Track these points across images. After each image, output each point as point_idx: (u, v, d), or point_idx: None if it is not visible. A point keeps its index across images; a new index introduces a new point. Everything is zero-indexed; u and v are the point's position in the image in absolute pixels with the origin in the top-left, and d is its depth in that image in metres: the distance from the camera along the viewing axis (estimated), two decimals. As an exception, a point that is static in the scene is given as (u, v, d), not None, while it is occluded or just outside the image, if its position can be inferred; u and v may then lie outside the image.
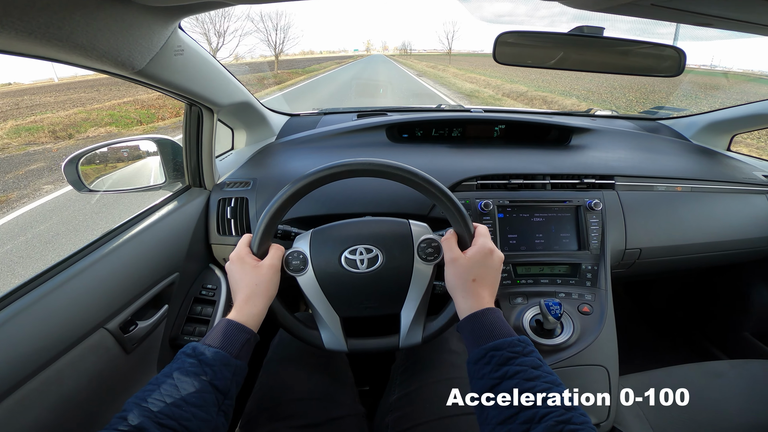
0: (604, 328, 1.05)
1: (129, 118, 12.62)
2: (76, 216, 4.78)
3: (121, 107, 14.16)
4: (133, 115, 12.79)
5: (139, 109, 13.66)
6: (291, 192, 0.75)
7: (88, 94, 19.75)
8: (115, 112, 13.23)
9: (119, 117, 12.69)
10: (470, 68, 33.82)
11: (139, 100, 15.36)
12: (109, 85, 22.13)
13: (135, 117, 12.65)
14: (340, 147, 1.41)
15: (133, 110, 13.51)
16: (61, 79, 39.89)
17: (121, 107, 14.16)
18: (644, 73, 0.99)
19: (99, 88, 22.18)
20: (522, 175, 1.22)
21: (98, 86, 22.99)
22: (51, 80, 40.51)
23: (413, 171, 0.76)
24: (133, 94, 16.98)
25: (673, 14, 0.61)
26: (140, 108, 13.92)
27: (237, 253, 0.77)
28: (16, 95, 21.70)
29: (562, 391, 0.56)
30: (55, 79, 39.86)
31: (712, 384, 1.11)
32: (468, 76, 25.73)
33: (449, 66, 38.84)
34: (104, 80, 24.13)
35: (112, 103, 15.15)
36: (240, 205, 1.17)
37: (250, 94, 1.32)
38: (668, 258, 1.29)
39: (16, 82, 47.78)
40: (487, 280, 0.73)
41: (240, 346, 0.66)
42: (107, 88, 21.09)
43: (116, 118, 12.46)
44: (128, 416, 0.52)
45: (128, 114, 12.95)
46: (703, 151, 1.52)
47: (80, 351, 0.76)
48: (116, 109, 13.75)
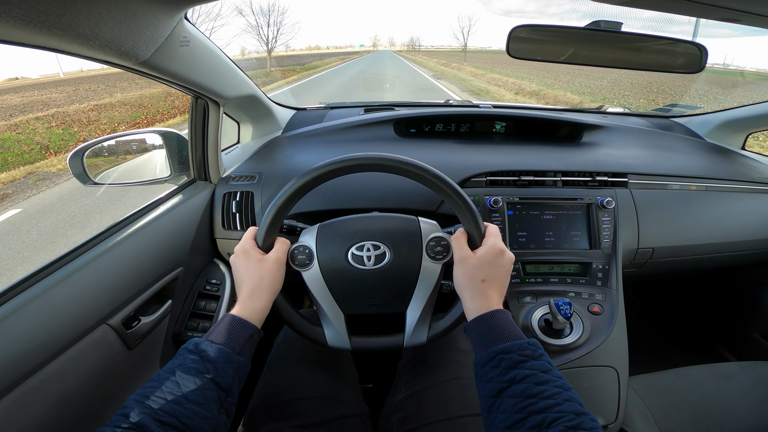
0: (615, 328, 1.04)
1: (28, 143, 8.74)
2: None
3: (28, 125, 10.06)
4: (39, 138, 9.11)
5: (53, 128, 9.97)
6: (298, 185, 0.74)
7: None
8: (12, 135, 9.08)
9: (12, 144, 8.45)
10: (489, 67, 30.82)
11: (62, 114, 11.57)
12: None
13: (42, 140, 8.95)
14: (347, 141, 1.40)
15: (44, 129, 9.80)
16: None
17: (28, 125, 10.06)
18: (663, 69, 0.97)
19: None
20: (532, 171, 1.20)
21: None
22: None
23: (424, 167, 0.74)
24: (61, 105, 13.23)
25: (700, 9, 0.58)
26: (58, 126, 10.17)
27: (242, 246, 0.76)
28: None
29: (572, 396, 0.55)
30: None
31: (721, 385, 1.10)
32: (498, 79, 22.00)
33: (465, 64, 36.39)
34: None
35: (17, 121, 10.56)
36: (245, 199, 1.16)
37: (257, 87, 1.31)
38: (681, 258, 1.27)
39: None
40: (497, 281, 0.71)
41: (243, 343, 0.65)
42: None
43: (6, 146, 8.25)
44: (129, 413, 0.51)
45: (33, 135, 9.15)
46: (717, 150, 1.49)
47: (82, 347, 0.75)
48: (18, 130, 9.63)
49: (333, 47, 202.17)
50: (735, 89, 16.80)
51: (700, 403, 1.04)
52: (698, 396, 1.06)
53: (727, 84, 19.07)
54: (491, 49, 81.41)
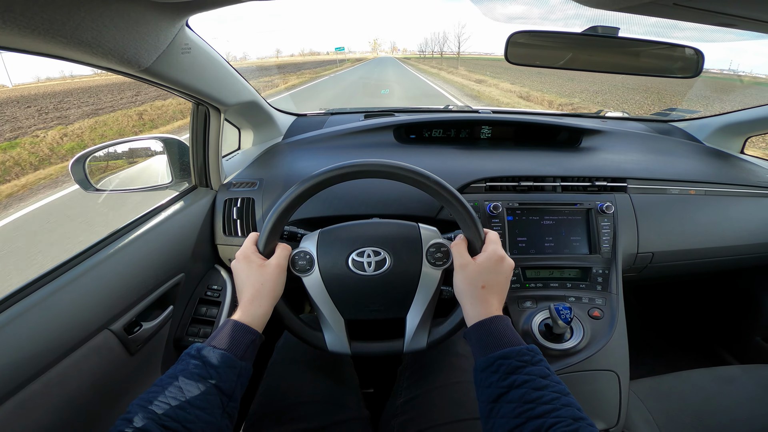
0: (615, 332, 1.04)
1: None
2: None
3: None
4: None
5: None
6: (300, 192, 0.74)
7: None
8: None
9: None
10: (496, 74, 27.62)
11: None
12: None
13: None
14: (347, 147, 1.41)
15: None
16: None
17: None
18: (660, 74, 0.98)
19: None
20: (532, 177, 1.20)
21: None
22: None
23: (424, 173, 0.75)
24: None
25: (696, 14, 0.59)
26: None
27: (243, 252, 0.76)
28: None
29: (570, 401, 0.55)
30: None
31: (723, 389, 1.10)
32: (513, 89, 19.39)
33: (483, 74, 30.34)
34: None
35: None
36: (246, 206, 1.16)
37: (258, 93, 1.32)
38: (681, 262, 1.27)
39: None
40: (497, 288, 0.72)
41: (245, 348, 0.65)
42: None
43: None
44: (133, 418, 0.51)
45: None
46: (716, 154, 1.50)
47: (84, 352, 0.75)
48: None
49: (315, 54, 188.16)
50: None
51: (702, 406, 1.04)
52: (700, 399, 1.06)
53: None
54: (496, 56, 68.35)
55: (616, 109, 8.31)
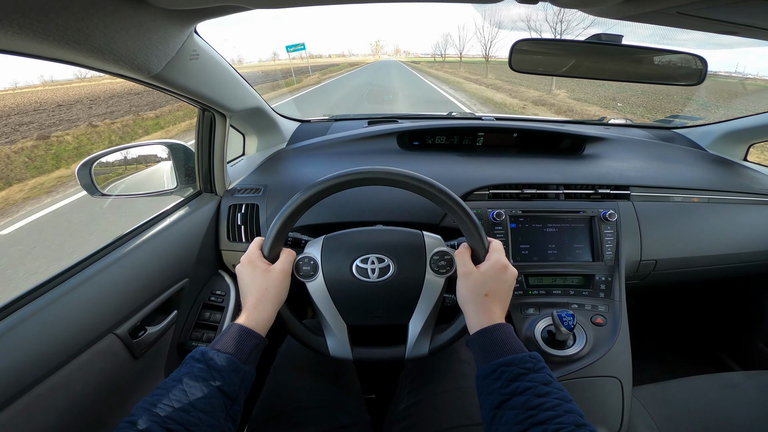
0: (618, 339, 1.03)
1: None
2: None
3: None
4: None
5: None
6: (304, 198, 0.75)
7: None
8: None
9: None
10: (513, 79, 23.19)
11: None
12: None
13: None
14: (351, 154, 1.41)
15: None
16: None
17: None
18: (663, 82, 0.98)
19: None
20: (535, 184, 1.21)
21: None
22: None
23: (428, 181, 0.75)
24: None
25: (699, 22, 0.60)
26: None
27: (248, 257, 0.77)
28: None
29: (573, 408, 0.55)
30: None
31: (726, 395, 1.09)
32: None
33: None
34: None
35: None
36: (250, 212, 1.17)
37: (263, 99, 1.33)
38: (684, 270, 1.27)
39: None
40: (499, 296, 0.72)
41: (249, 352, 0.65)
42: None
43: None
44: (137, 420, 0.51)
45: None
46: (719, 161, 1.50)
47: (89, 356, 0.76)
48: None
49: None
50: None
51: (705, 412, 1.04)
52: (703, 406, 1.06)
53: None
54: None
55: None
